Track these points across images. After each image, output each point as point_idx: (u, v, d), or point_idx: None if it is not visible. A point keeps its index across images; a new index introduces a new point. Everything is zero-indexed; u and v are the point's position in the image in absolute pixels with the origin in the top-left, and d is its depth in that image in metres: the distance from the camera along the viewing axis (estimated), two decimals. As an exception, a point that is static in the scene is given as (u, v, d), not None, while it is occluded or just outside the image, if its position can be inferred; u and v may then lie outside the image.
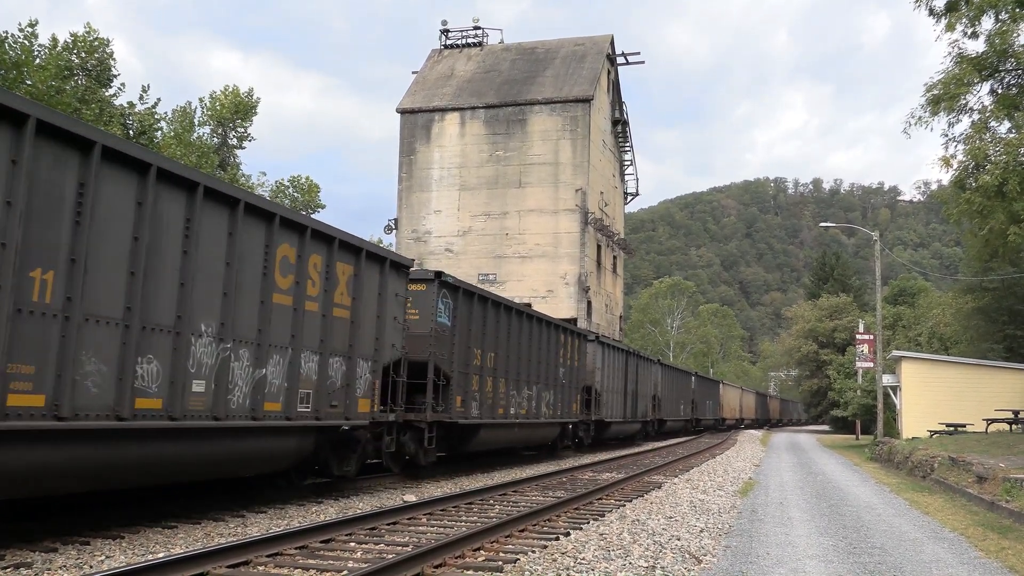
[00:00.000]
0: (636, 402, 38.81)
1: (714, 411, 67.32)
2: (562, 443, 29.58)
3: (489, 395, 21.32)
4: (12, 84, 28.99)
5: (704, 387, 62.71)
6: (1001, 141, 23.99)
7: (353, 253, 14.85)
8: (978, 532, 12.79)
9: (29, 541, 9.52)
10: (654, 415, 43.41)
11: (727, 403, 75.05)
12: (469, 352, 20.02)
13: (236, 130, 47.40)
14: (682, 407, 49.44)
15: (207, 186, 11.20)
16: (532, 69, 51.91)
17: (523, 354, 23.65)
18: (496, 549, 10.13)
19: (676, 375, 49.46)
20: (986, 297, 45.79)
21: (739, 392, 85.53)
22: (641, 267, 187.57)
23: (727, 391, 76.60)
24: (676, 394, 47.30)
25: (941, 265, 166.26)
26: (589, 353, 31.56)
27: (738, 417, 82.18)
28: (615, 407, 35.17)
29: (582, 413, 30.71)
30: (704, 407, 61.12)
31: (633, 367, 38.65)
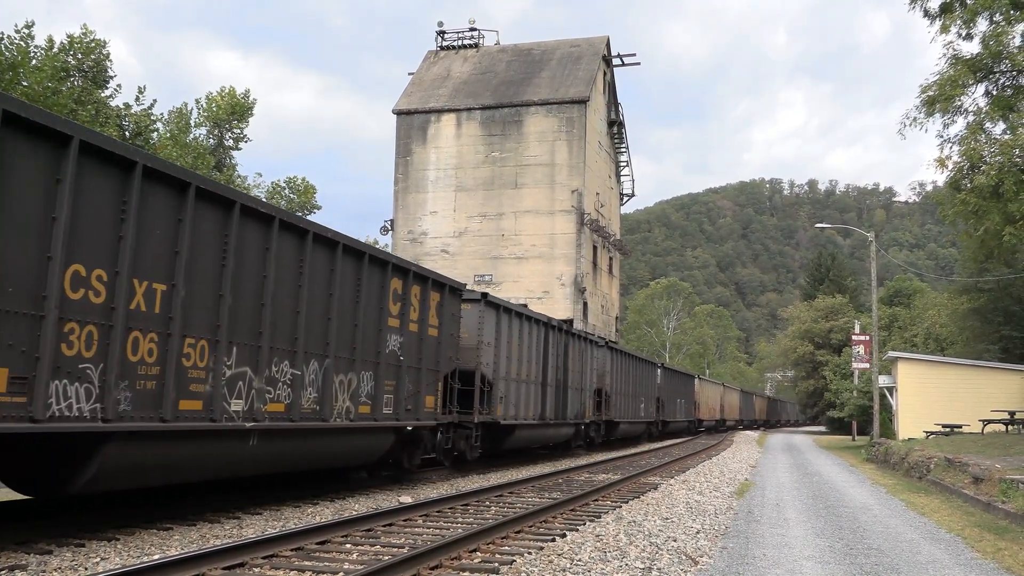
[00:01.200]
0: (565, 398, 28.67)
1: (687, 411, 57.64)
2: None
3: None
4: (8, 85, 28.95)
5: (674, 382, 52.71)
6: (996, 142, 24.04)
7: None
8: (974, 533, 12.80)
9: (24, 543, 9.49)
10: (599, 415, 33.90)
11: (705, 402, 66.09)
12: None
13: (232, 131, 47.36)
14: (642, 406, 41.72)
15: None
16: (528, 70, 51.91)
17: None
18: (492, 550, 10.12)
19: (634, 366, 40.47)
20: (982, 298, 45.86)
21: (719, 389, 76.10)
22: (637, 268, 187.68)
23: (705, 388, 67.65)
24: (633, 389, 39.58)
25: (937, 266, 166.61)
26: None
27: (718, 418, 73.28)
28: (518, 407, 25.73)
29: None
30: (674, 406, 52.03)
31: (576, 354, 30.29)
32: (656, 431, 47.12)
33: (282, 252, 12.90)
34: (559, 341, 27.87)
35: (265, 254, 12.50)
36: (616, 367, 35.83)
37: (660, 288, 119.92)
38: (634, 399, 39.52)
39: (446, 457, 21.10)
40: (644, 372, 42.67)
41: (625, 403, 37.18)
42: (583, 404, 30.91)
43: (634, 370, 39.85)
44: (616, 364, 35.93)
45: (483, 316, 21.74)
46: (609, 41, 54.33)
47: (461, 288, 20.29)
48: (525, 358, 24.18)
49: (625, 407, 37.19)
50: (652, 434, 46.56)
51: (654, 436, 47.28)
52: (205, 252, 11.28)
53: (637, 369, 40.77)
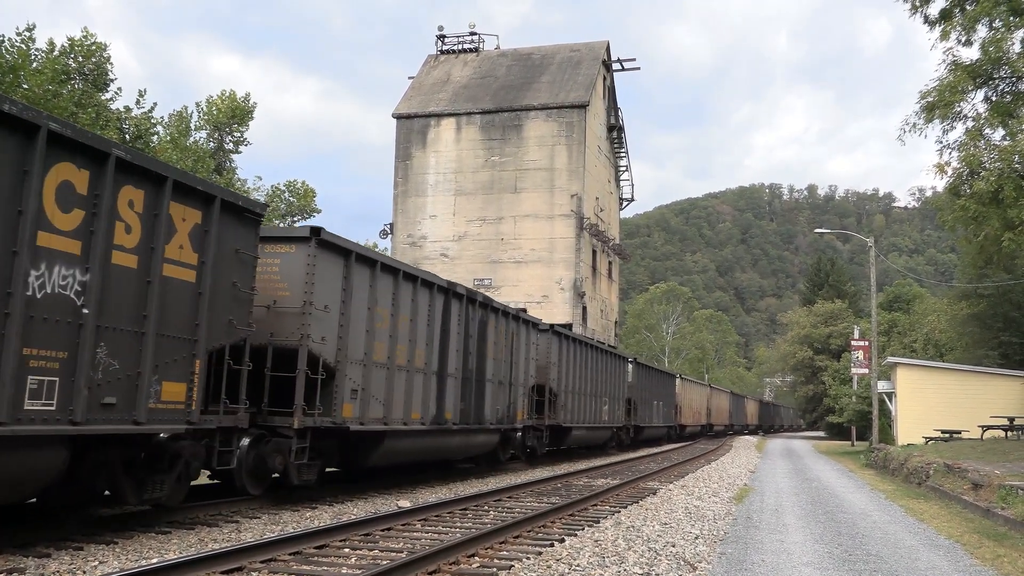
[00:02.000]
0: (481, 395, 21.90)
1: (667, 415, 49.86)
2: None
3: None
4: (8, 88, 28.95)
5: (650, 382, 45.26)
6: (995, 148, 24.05)
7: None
8: (974, 539, 12.79)
9: (22, 546, 9.49)
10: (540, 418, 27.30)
11: (688, 405, 58.30)
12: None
13: (232, 135, 47.37)
14: (605, 409, 34.81)
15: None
16: (528, 75, 51.95)
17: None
18: (491, 555, 10.12)
19: (595, 359, 33.44)
20: (981, 303, 45.86)
21: (705, 392, 68.16)
22: (636, 272, 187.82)
23: (689, 390, 59.34)
24: (593, 387, 32.74)
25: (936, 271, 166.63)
26: None
27: (704, 423, 65.75)
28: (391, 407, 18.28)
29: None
30: (650, 410, 44.65)
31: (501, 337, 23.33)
32: (626, 438, 40.42)
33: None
34: (471, 317, 20.64)
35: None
36: (567, 358, 29.40)
37: (659, 293, 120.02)
38: (594, 399, 32.97)
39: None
40: (609, 368, 35.80)
41: (580, 404, 30.79)
42: (512, 404, 23.72)
43: (594, 364, 33.13)
44: (567, 355, 29.44)
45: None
46: (609, 46, 54.38)
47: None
48: (404, 336, 17.26)
49: (580, 409, 30.77)
50: (621, 442, 39.75)
51: (624, 444, 40.45)
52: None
53: (599, 363, 33.95)
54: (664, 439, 51.60)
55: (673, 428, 52.89)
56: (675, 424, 52.99)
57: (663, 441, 51.46)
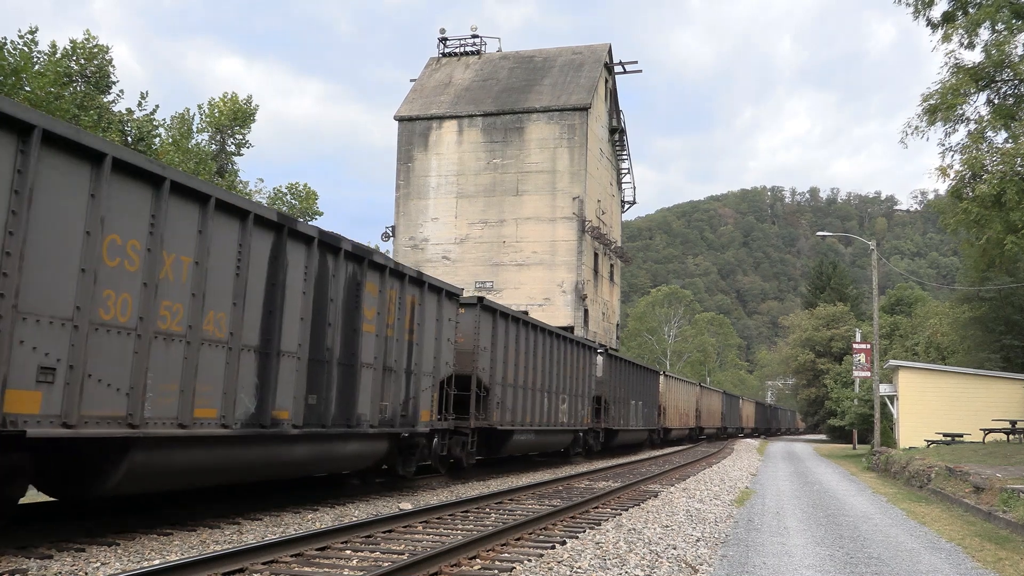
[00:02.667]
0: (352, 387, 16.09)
1: (647, 417, 43.61)
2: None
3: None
4: (11, 91, 28.99)
5: (626, 378, 38.48)
6: (998, 151, 24.06)
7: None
8: (975, 543, 12.78)
9: (24, 547, 9.49)
10: (460, 419, 21.53)
11: (674, 406, 52.26)
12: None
13: (234, 137, 47.42)
14: (564, 407, 29.07)
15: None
16: (530, 77, 51.99)
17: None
18: (492, 557, 10.11)
19: (548, 346, 27.43)
20: (983, 307, 45.85)
21: (694, 391, 61.73)
22: (638, 275, 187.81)
23: (674, 388, 53.11)
24: (546, 381, 27.08)
25: (938, 275, 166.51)
26: None
27: (693, 426, 59.61)
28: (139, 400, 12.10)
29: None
30: (626, 410, 37.99)
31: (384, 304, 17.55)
32: (595, 444, 34.19)
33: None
34: (331, 273, 14.48)
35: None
36: (504, 343, 23.46)
37: (661, 295, 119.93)
38: (547, 396, 26.92)
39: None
40: (570, 358, 29.48)
41: (524, 401, 25.07)
42: (408, 400, 17.36)
43: (547, 352, 27.15)
44: (504, 338, 23.49)
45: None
46: (611, 48, 54.42)
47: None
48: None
49: (524, 407, 25.04)
50: (589, 448, 33.46)
51: (592, 451, 33.94)
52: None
53: (554, 352, 27.69)
54: (645, 444, 45.80)
55: (656, 432, 47.26)
56: (658, 427, 47.20)
57: (643, 447, 45.63)
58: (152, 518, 11.96)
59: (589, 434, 33.22)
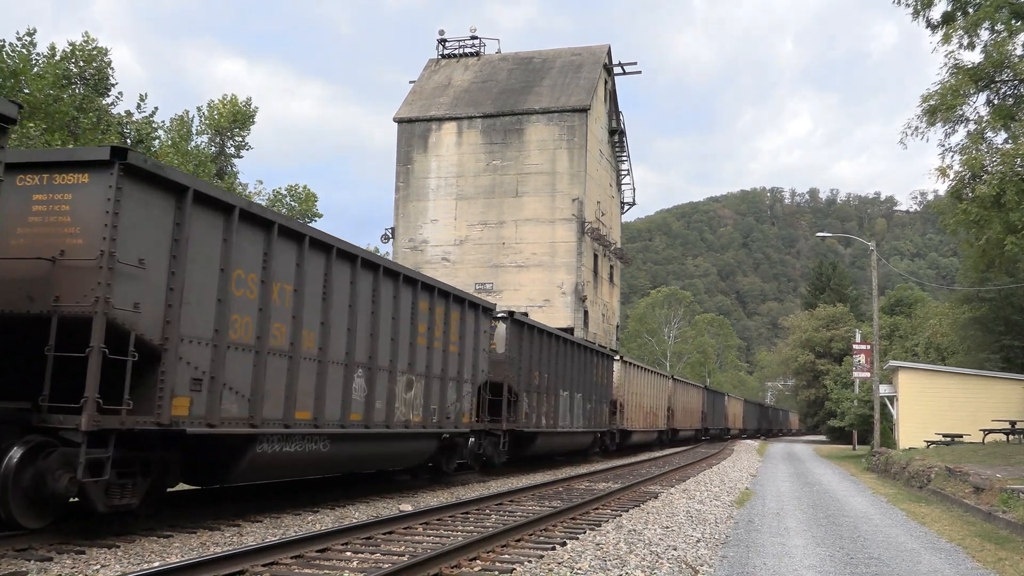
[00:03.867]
0: None
1: (596, 415, 32.91)
2: None
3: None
4: (10, 93, 29.00)
5: (563, 362, 28.12)
6: (998, 151, 24.08)
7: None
8: (975, 543, 12.78)
9: (24, 550, 9.49)
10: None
11: (636, 403, 40.06)
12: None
13: (234, 139, 47.41)
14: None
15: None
16: (529, 79, 52.00)
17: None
18: (492, 558, 10.11)
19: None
20: (983, 307, 45.87)
21: (665, 385, 49.68)
22: (638, 277, 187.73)
23: (635, 379, 40.43)
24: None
25: (938, 275, 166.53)
26: None
27: (664, 428, 48.16)
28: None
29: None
30: (556, 404, 27.14)
31: None
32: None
33: None
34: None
35: None
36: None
37: (661, 297, 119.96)
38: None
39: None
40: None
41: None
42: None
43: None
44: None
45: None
46: (610, 50, 54.43)
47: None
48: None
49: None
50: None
51: (491, 461, 23.08)
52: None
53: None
54: (590, 449, 34.15)
55: (609, 434, 36.18)
56: (612, 428, 36.19)
57: (589, 455, 34.45)
58: (152, 520, 11.95)
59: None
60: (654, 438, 46.73)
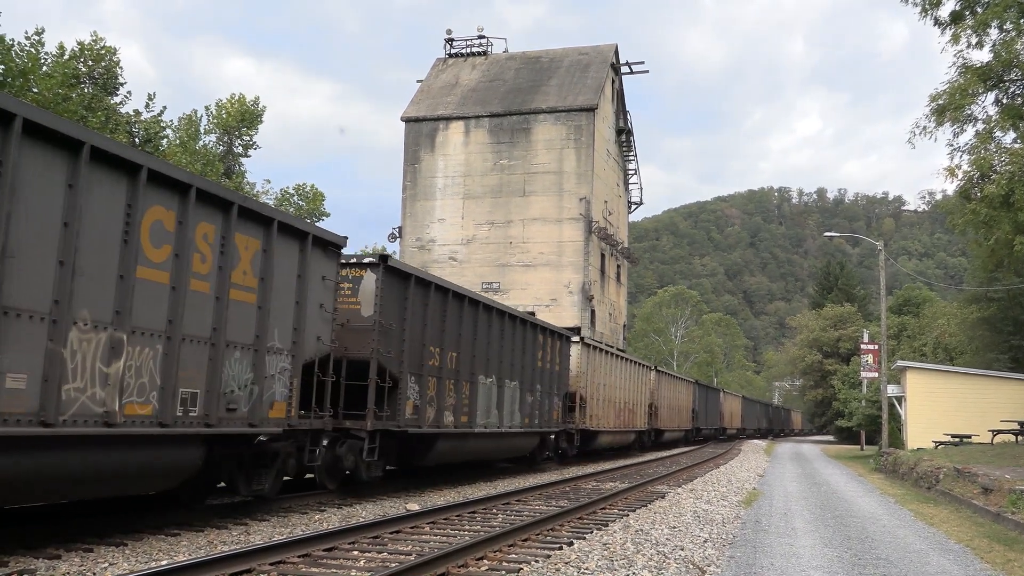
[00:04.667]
0: None
1: (546, 414, 26.20)
2: None
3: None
4: (19, 92, 29.06)
5: (504, 342, 22.46)
6: (1007, 151, 23.99)
7: None
8: (984, 544, 12.74)
9: (32, 548, 9.51)
10: None
11: (605, 397, 33.23)
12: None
13: (242, 138, 47.47)
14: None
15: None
16: (536, 78, 51.98)
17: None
18: (499, 558, 10.11)
19: None
20: (991, 307, 45.75)
21: (647, 377, 41.93)
22: (645, 276, 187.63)
23: (605, 368, 33.66)
24: None
25: (946, 275, 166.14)
26: None
27: (643, 428, 40.79)
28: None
29: None
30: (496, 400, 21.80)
31: None
32: (367, 461, 15.58)
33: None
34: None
35: None
36: None
37: (668, 296, 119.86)
38: None
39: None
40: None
41: None
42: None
43: None
44: None
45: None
46: (617, 49, 54.38)
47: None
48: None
49: None
50: (344, 472, 16.26)
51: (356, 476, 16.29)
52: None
53: None
54: (537, 455, 27.48)
55: (564, 434, 29.33)
56: (567, 427, 28.99)
57: (538, 463, 27.79)
58: (160, 518, 11.98)
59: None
60: (630, 440, 39.34)
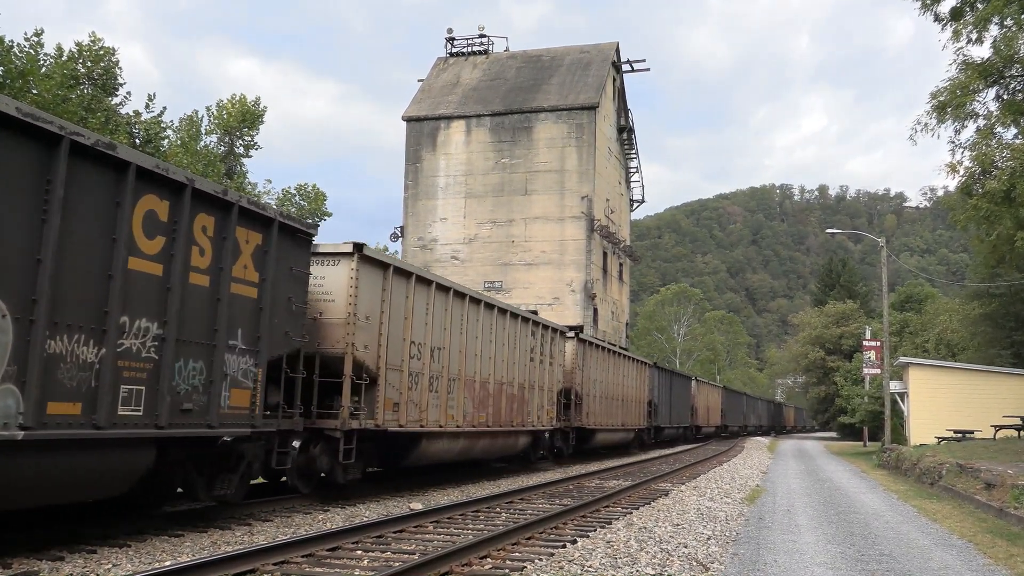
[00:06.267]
0: None
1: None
2: None
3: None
4: (18, 93, 29.08)
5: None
6: (1008, 147, 23.99)
7: None
8: (987, 539, 12.74)
9: (36, 549, 9.53)
10: None
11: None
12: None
13: (243, 139, 47.48)
14: None
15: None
16: (537, 77, 51.95)
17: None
18: (503, 557, 10.12)
19: None
20: (993, 303, 45.68)
21: (568, 349, 28.90)
22: (647, 274, 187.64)
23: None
24: None
25: (948, 271, 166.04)
26: None
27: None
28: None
29: None
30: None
31: None
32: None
33: None
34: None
35: None
36: None
37: (670, 294, 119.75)
38: None
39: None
40: None
41: None
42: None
43: None
44: None
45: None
46: (619, 47, 54.35)
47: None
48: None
49: None
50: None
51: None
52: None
53: None
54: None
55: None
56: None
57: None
58: (163, 519, 11.99)
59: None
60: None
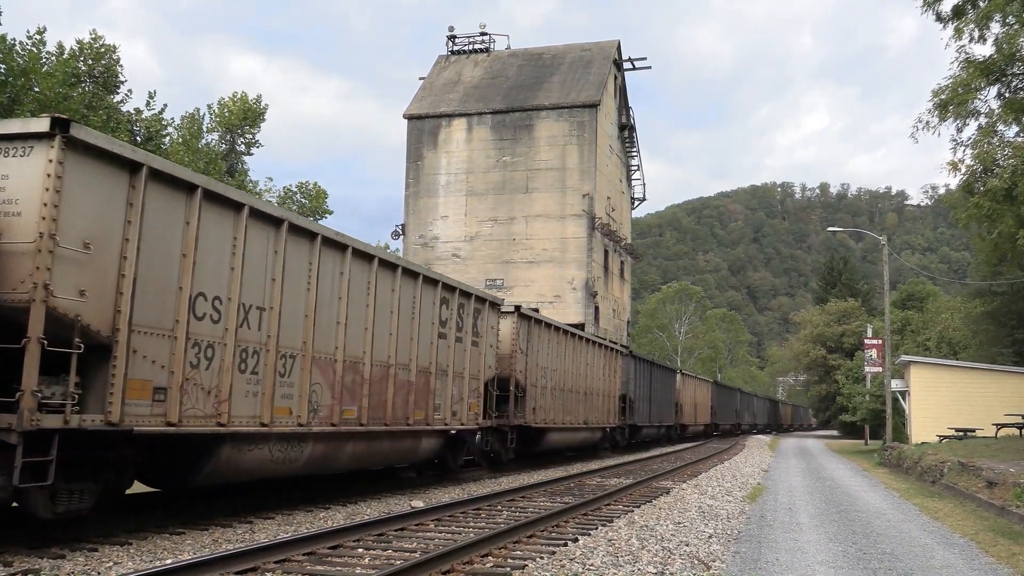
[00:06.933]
0: None
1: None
2: None
3: None
4: (20, 91, 29.08)
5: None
6: (1009, 145, 23.95)
7: None
8: (988, 538, 12.72)
9: (37, 548, 9.52)
10: None
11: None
12: None
13: (244, 136, 47.48)
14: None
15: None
16: (539, 75, 51.92)
17: None
18: (504, 555, 10.11)
19: None
20: (995, 301, 45.67)
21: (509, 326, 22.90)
22: (648, 272, 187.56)
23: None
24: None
25: (949, 269, 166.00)
26: None
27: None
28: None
29: None
30: None
31: None
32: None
33: None
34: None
35: None
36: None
37: (671, 292, 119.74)
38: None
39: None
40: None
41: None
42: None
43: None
44: None
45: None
46: (620, 45, 54.31)
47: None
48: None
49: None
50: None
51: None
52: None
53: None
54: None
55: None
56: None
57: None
58: (165, 517, 11.99)
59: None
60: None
